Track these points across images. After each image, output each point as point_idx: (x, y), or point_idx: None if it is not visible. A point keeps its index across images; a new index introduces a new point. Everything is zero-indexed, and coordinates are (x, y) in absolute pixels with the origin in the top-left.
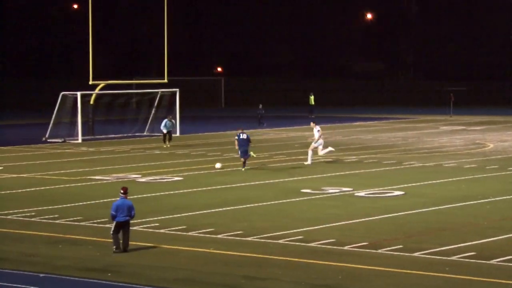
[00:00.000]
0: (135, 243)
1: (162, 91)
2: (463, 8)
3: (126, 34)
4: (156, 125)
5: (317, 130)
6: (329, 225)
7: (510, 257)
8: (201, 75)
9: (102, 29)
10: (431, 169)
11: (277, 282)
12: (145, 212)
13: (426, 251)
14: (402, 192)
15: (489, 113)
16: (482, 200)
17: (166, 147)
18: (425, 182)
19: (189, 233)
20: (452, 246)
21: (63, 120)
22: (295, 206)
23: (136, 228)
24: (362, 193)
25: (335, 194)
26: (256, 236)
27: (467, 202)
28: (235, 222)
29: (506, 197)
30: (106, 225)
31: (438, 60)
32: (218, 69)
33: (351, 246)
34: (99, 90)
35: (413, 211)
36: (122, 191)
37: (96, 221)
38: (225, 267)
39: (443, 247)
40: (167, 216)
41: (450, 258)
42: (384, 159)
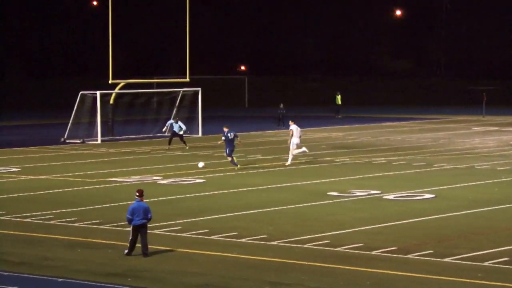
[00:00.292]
0: (156, 247)
1: (184, 90)
2: (496, 4)
3: (147, 31)
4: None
5: (291, 129)
6: (357, 229)
7: None
8: (224, 74)
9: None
10: (462, 171)
11: None
12: (167, 215)
13: (458, 256)
14: (433, 195)
15: None
16: None
17: (168, 148)
18: (457, 185)
19: (212, 237)
20: (484, 251)
21: (82, 120)
22: (321, 209)
23: (158, 231)
24: (391, 196)
25: (363, 197)
26: (280, 240)
27: (500, 206)
28: (259, 225)
29: None
30: (126, 229)
31: (470, 58)
32: (242, 68)
33: (379, 251)
34: (119, 89)
35: (444, 214)
36: (137, 194)
37: (115, 224)
38: (249, 272)
39: (476, 252)
40: (189, 220)
41: (482, 263)
42: (414, 161)
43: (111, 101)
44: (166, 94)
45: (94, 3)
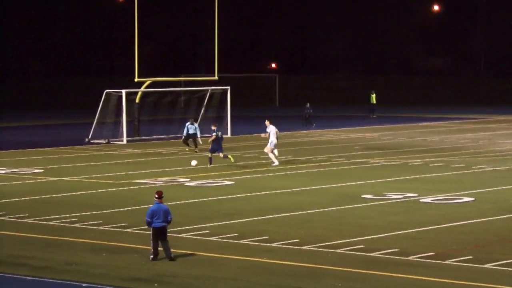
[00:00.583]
0: (184, 251)
1: (212, 89)
2: None
3: (174, 27)
4: (205, 126)
5: (268, 131)
6: (392, 233)
7: None
8: (254, 72)
9: (148, 22)
10: (503, 174)
11: None
12: (194, 219)
13: (498, 262)
14: (472, 198)
15: None
16: None
17: (188, 150)
18: (497, 188)
19: (241, 241)
20: None
21: (107, 120)
22: (355, 213)
23: (185, 235)
24: (428, 199)
25: (399, 200)
26: (313, 245)
27: None
28: (290, 229)
29: None
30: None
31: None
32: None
33: (416, 256)
34: (145, 87)
35: (484, 218)
36: (156, 196)
37: (141, 227)
38: (280, 278)
39: None
40: (217, 223)
41: None
42: (452, 163)
43: (137, 100)
44: (194, 92)
45: None
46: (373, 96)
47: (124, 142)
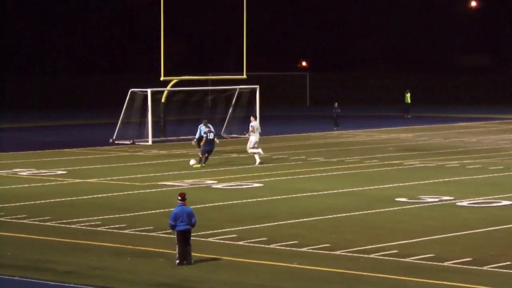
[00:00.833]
0: (211, 255)
1: (240, 88)
2: None
3: (201, 24)
4: (234, 126)
5: (252, 125)
6: (428, 238)
7: None
8: (284, 70)
9: (175, 19)
10: None
11: None
12: (222, 222)
13: None
14: (511, 202)
15: None
16: None
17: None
18: None
19: (271, 246)
20: None
21: (132, 120)
22: (388, 217)
23: (212, 239)
24: (464, 203)
25: (434, 203)
26: (345, 250)
27: None
28: (322, 233)
29: None
30: None
31: None
32: (303, 64)
33: (452, 262)
34: (171, 86)
35: None
36: (179, 198)
37: (167, 231)
38: (310, 284)
39: None
40: (246, 227)
41: None
42: (490, 165)
43: (163, 100)
44: (222, 92)
45: None
46: (408, 95)
47: (150, 142)
